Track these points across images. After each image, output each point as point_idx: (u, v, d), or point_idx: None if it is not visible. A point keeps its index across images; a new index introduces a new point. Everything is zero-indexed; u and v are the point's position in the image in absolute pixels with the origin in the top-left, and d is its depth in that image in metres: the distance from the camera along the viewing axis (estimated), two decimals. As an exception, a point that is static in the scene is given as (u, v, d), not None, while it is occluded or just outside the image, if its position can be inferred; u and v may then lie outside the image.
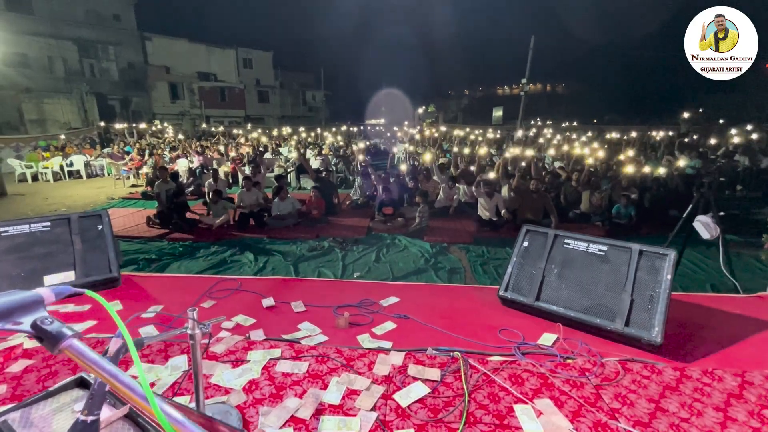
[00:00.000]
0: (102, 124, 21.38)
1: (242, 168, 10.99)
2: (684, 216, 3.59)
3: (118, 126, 22.27)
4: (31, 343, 1.81)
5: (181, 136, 16.92)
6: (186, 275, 3.12)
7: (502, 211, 6.65)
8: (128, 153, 15.93)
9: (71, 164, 13.23)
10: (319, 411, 1.42)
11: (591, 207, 7.34)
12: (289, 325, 2.10)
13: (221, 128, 25.29)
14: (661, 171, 8.37)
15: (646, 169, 8.11)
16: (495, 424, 1.39)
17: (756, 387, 1.62)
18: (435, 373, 1.65)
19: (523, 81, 22.00)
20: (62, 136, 17.61)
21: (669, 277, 1.97)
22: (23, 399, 1.00)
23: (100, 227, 2.63)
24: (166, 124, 23.76)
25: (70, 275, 2.42)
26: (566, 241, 2.35)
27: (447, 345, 1.91)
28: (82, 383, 1.09)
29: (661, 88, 35.80)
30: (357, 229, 6.96)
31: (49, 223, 2.49)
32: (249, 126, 27.73)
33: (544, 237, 2.43)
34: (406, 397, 1.50)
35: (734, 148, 11.46)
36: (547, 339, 2.01)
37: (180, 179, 8.84)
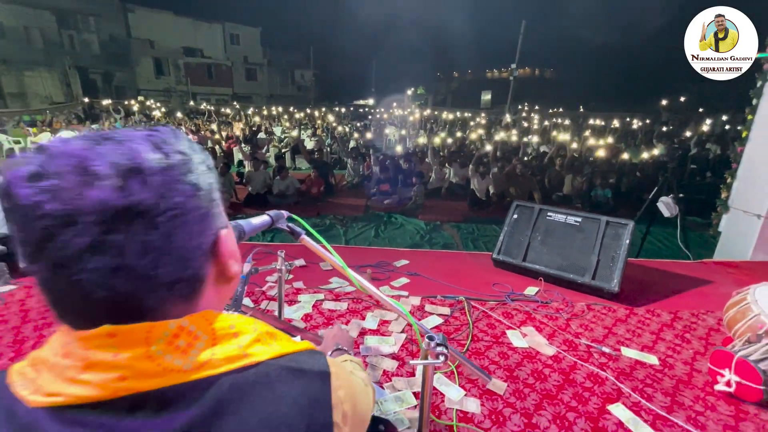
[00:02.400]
0: (87, 99, 20.87)
1: (242, 148, 11.13)
2: (650, 197, 4.15)
3: (104, 102, 21.69)
4: None
5: (179, 114, 16.70)
6: None
7: (491, 190, 7.14)
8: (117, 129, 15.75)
9: (60, 140, 13.06)
10: (362, 333, 1.89)
11: (573, 190, 7.89)
12: (322, 279, 2.55)
13: (208, 106, 24.85)
14: (637, 156, 8.98)
15: (625, 156, 8.72)
16: (493, 341, 1.89)
17: (683, 320, 2.16)
18: (446, 310, 2.14)
19: (513, 66, 22.31)
20: (48, 112, 17.24)
21: (627, 241, 2.48)
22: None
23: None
24: (151, 102, 23.22)
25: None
26: (549, 213, 2.85)
27: (452, 294, 2.40)
28: None
29: (646, 76, 36.51)
30: (355, 208, 7.39)
31: None
32: (237, 104, 27.31)
33: (531, 210, 2.92)
34: (426, 324, 1.99)
35: (706, 137, 12.19)
36: (531, 290, 2.52)
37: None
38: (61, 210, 0.32)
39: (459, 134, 11.90)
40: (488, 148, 9.91)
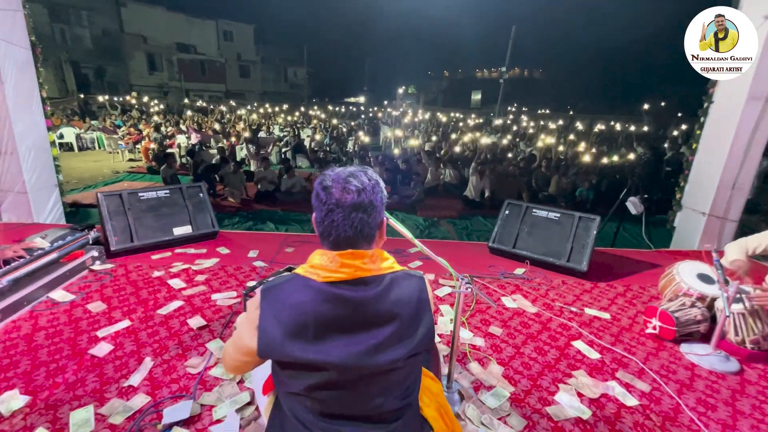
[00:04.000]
0: (82, 96, 20.92)
1: (249, 147, 11.53)
2: (621, 197, 4.85)
3: (100, 98, 21.66)
4: (198, 267, 2.81)
5: (189, 113, 16.85)
6: (258, 232, 4.12)
7: (486, 193, 7.80)
8: (119, 127, 15.92)
9: (61, 136, 13.19)
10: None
11: (558, 190, 8.58)
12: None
13: (203, 102, 24.93)
14: (615, 159, 9.74)
15: (605, 160, 9.48)
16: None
17: (633, 291, 2.86)
18: (455, 283, 2.78)
19: (503, 69, 23.07)
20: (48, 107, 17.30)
21: (594, 232, 3.16)
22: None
23: (201, 195, 3.57)
24: (148, 98, 23.23)
25: (188, 228, 3.37)
26: (534, 210, 3.52)
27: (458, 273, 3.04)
28: (291, 268, 2.13)
29: (631, 79, 37.55)
30: (358, 205, 7.97)
31: (168, 192, 3.41)
32: (233, 102, 27.38)
33: (520, 207, 3.58)
34: (441, 292, 2.63)
35: (681, 140, 13.07)
36: (519, 270, 3.18)
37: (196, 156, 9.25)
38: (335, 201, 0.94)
39: (453, 137, 12.56)
40: (482, 150, 10.54)
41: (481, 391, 1.73)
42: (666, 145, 12.45)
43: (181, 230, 3.33)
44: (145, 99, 23.53)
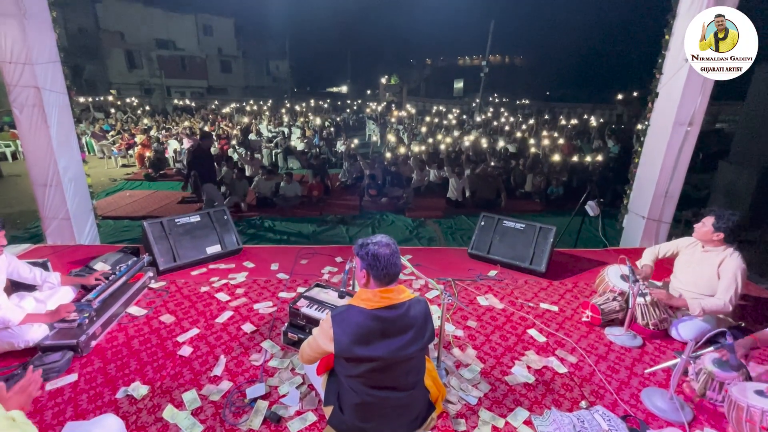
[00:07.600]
0: (66, 98, 20.72)
1: (238, 151, 11.96)
2: (581, 201, 5.67)
3: (81, 100, 21.45)
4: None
5: (186, 124, 16.89)
6: (273, 246, 4.79)
7: (467, 193, 8.55)
8: (107, 131, 16.03)
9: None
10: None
11: (533, 187, 9.40)
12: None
13: (185, 102, 24.84)
14: (588, 159, 10.60)
15: (575, 158, 10.34)
16: (468, 302, 3.30)
17: (578, 287, 3.67)
18: (440, 287, 3.53)
19: (483, 63, 23.73)
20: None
21: (551, 240, 3.94)
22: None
23: (225, 217, 4.21)
24: (132, 99, 23.09)
25: (218, 247, 4.02)
26: (504, 221, 4.28)
27: (444, 276, 3.79)
28: (318, 285, 2.83)
29: (610, 67, 38.56)
30: (351, 207, 8.66)
31: (198, 217, 4.04)
32: (217, 102, 27.28)
33: (493, 219, 4.35)
34: (430, 295, 3.37)
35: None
36: (492, 272, 3.95)
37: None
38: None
39: (439, 137, 13.27)
40: (464, 147, 11.21)
41: (461, 368, 2.49)
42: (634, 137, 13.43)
43: (212, 249, 3.98)
44: (128, 99, 23.35)
